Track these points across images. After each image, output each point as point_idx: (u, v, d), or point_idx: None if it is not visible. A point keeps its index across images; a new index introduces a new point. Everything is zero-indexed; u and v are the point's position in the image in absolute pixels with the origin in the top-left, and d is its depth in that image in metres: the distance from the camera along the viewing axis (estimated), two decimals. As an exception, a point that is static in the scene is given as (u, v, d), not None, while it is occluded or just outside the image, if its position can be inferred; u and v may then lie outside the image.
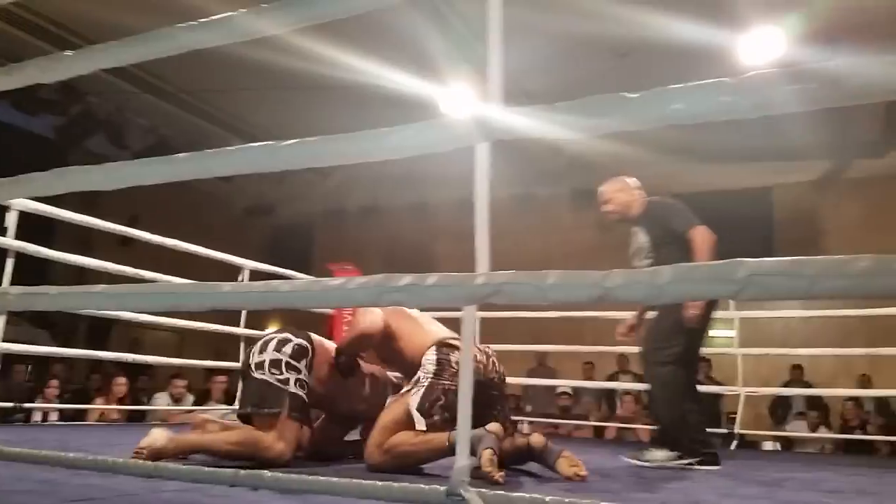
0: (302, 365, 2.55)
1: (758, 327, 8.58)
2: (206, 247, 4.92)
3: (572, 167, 10.29)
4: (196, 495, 1.89)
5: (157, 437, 2.40)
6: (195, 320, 5.12)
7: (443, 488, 1.10)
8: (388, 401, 2.68)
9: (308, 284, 1.25)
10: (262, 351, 2.55)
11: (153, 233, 4.60)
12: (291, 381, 2.49)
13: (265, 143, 1.32)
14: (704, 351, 7.71)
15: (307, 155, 1.28)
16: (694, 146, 8.85)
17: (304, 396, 2.52)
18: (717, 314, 6.40)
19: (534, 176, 10.38)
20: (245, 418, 2.54)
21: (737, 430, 5.48)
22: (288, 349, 2.55)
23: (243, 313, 5.44)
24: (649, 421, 7.51)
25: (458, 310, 1.30)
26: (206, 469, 1.37)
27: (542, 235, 10.79)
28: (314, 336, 2.74)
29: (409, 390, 2.54)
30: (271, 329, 2.82)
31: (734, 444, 5.44)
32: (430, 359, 2.55)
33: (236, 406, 5.58)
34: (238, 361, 5.52)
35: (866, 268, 0.88)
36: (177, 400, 6.40)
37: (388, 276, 1.22)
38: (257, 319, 8.21)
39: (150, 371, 8.40)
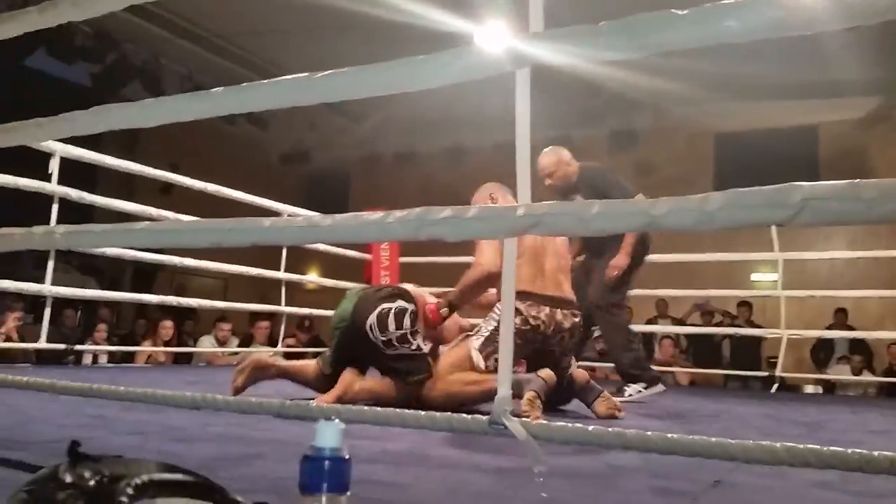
0: (417, 326, 2.75)
1: (802, 269, 8.42)
2: (245, 192, 4.96)
3: (611, 107, 10.03)
4: (244, 430, 1.94)
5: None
6: (238, 264, 5.19)
7: (486, 417, 1.10)
8: (452, 343, 2.86)
9: (347, 219, 1.24)
10: (383, 329, 2.67)
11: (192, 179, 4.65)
12: (419, 343, 2.70)
13: (299, 75, 1.30)
14: (745, 294, 7.56)
15: (342, 86, 1.25)
16: (739, 83, 8.54)
17: (428, 348, 2.76)
18: (761, 255, 6.30)
19: (571, 117, 10.16)
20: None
21: (778, 373, 5.43)
22: (407, 322, 2.69)
23: (283, 258, 5.50)
24: (687, 364, 7.50)
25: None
26: (253, 400, 1.39)
27: (579, 179, 10.63)
28: (409, 289, 2.86)
29: (471, 334, 2.78)
30: (341, 288, 2.87)
31: (775, 386, 5.39)
32: (499, 306, 2.70)
33: (279, 348, 5.72)
34: (280, 304, 5.62)
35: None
36: (222, 343, 6.56)
37: (427, 209, 1.19)
38: (297, 265, 8.32)
39: (195, 315, 8.61)
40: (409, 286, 2.91)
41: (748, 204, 0.95)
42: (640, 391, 3.63)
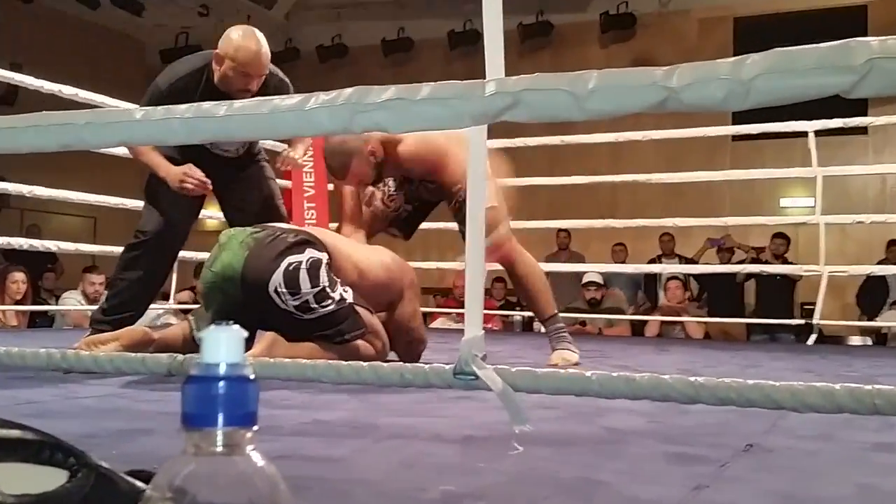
0: (333, 274, 2.71)
1: (845, 190, 8.61)
2: (119, 99, 4.79)
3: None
4: (124, 401, 1.91)
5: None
6: (111, 193, 5.06)
7: (449, 367, 1.08)
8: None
9: (250, 106, 1.18)
10: (295, 292, 2.60)
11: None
12: (343, 295, 2.68)
13: None
14: (776, 222, 7.67)
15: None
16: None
17: (353, 295, 2.74)
18: (794, 172, 6.38)
19: (551, -3, 10.07)
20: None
21: (816, 321, 5.55)
22: (324, 275, 2.64)
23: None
24: (700, 313, 7.66)
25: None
26: (134, 356, 1.34)
27: (562, 78, 10.59)
28: (315, 232, 2.84)
29: None
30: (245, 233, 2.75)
31: (812, 338, 5.52)
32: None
33: (170, 304, 5.63)
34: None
35: None
36: (92, 300, 6.43)
37: (364, 88, 1.14)
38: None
39: (55, 265, 8.41)
40: (313, 229, 2.90)
41: (796, 68, 0.92)
42: None
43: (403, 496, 1.08)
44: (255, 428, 0.48)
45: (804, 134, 5.48)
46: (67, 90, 4.57)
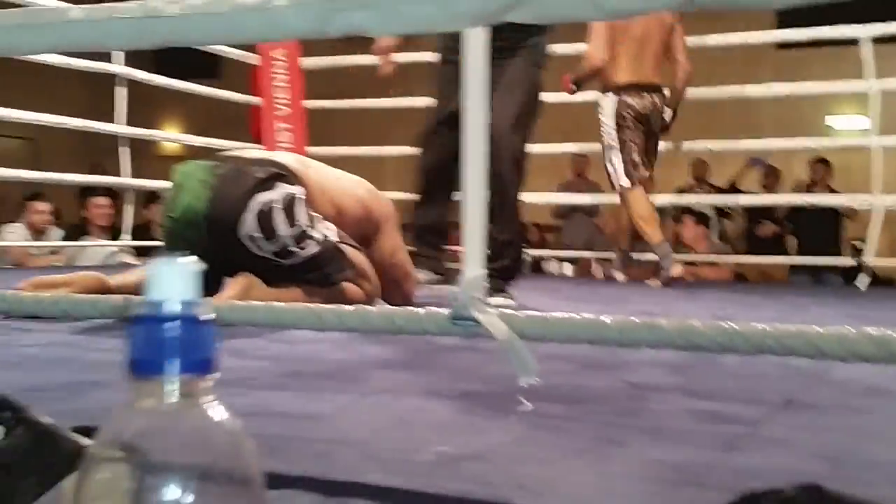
0: (311, 210, 2.69)
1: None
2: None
3: None
4: (73, 350, 1.91)
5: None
6: (55, 112, 5.02)
7: (446, 311, 1.07)
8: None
9: (211, 3, 1.15)
10: (271, 235, 2.59)
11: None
12: (325, 233, 2.68)
13: None
14: (827, 144, 7.59)
15: None
16: None
17: (336, 232, 2.75)
18: (844, 86, 6.30)
19: None
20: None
21: (868, 260, 5.55)
22: (301, 212, 2.63)
23: (120, 101, 5.31)
24: (726, 250, 7.65)
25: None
26: (84, 298, 1.34)
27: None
28: (285, 160, 2.81)
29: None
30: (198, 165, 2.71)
31: (864, 281, 5.50)
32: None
33: (124, 240, 5.62)
34: (120, 175, 5.49)
35: None
36: (38, 233, 6.41)
37: (344, -15, 1.11)
38: (147, 115, 8.10)
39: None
40: (284, 156, 2.87)
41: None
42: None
43: (394, 458, 1.08)
44: (215, 376, 0.48)
45: (856, 42, 5.41)
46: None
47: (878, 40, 5.31)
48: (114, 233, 6.41)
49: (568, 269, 7.81)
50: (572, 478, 1.03)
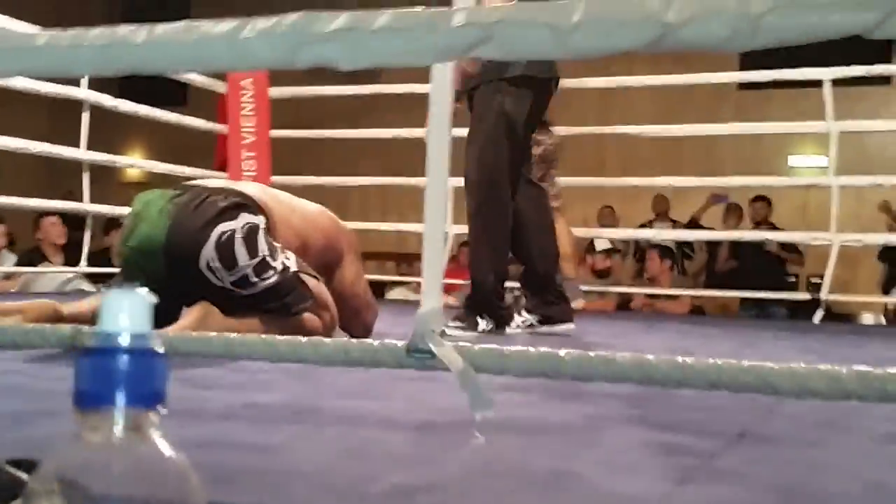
0: (273, 240, 2.68)
1: (863, 148, 8.68)
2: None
3: None
4: (21, 378, 1.89)
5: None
6: (15, 135, 4.97)
7: (402, 344, 1.08)
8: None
9: (178, 31, 1.15)
10: (231, 266, 2.56)
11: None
12: (286, 263, 2.66)
13: None
14: (787, 182, 7.70)
15: None
16: None
17: (296, 261, 2.72)
18: (808, 126, 6.42)
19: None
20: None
21: (823, 295, 5.63)
22: (262, 242, 2.61)
23: (84, 127, 5.29)
24: (687, 285, 7.74)
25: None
26: (30, 327, 1.33)
27: None
28: (247, 189, 2.80)
29: None
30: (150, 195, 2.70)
31: (818, 315, 5.60)
32: None
33: (81, 268, 5.57)
34: (82, 201, 5.45)
35: None
36: (-7, 255, 6.35)
37: (310, 15, 1.13)
38: (110, 140, 8.05)
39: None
40: (247, 185, 2.88)
41: (812, 3, 0.92)
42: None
43: (349, 489, 1.08)
44: (162, 410, 0.47)
45: (817, 83, 5.52)
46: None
47: (838, 82, 5.42)
48: (70, 258, 6.36)
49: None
50: (527, 510, 1.03)
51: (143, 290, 0.48)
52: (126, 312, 0.47)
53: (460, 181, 3.57)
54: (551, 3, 1.05)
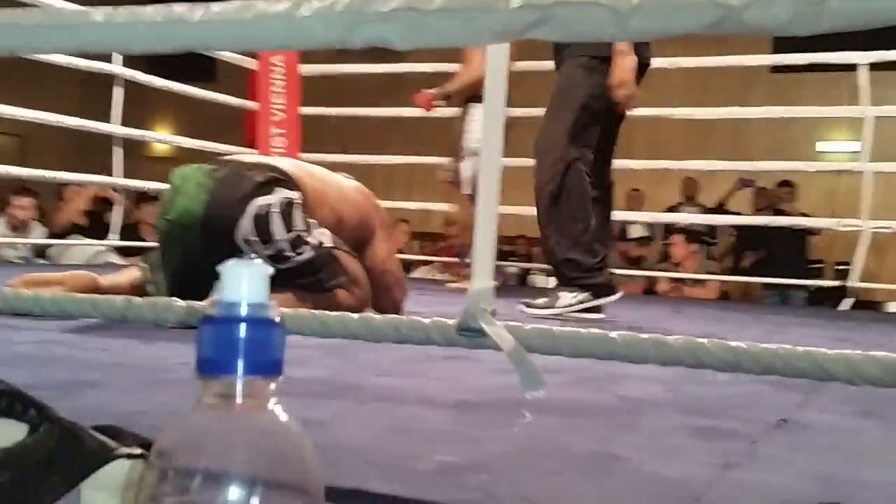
0: (308, 215, 2.70)
1: (893, 135, 8.59)
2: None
3: None
4: (64, 349, 1.91)
5: None
6: (45, 109, 4.99)
7: (453, 322, 1.08)
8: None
9: (236, 10, 1.16)
10: (267, 239, 2.60)
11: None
12: (321, 239, 2.69)
13: None
14: (821, 167, 7.63)
15: None
16: None
17: (331, 238, 2.75)
18: (843, 111, 6.34)
19: None
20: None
21: (852, 283, 5.60)
22: (298, 217, 2.64)
23: (116, 101, 5.31)
24: (711, 269, 7.70)
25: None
26: (81, 297, 1.34)
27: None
28: (284, 165, 2.82)
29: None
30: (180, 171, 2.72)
31: (847, 302, 5.57)
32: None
33: (112, 240, 5.61)
34: (112, 175, 5.48)
35: None
36: (19, 227, 6.37)
37: (364, -6, 1.13)
38: (138, 115, 8.07)
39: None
40: (282, 161, 2.87)
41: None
42: (580, 301, 3.68)
43: (395, 466, 1.09)
44: (281, 377, 0.49)
45: (850, 67, 5.46)
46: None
47: (873, 67, 5.36)
48: (101, 231, 6.40)
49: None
50: (575, 490, 1.04)
51: (262, 262, 0.49)
52: (246, 282, 0.48)
53: (512, 161, 3.58)
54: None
